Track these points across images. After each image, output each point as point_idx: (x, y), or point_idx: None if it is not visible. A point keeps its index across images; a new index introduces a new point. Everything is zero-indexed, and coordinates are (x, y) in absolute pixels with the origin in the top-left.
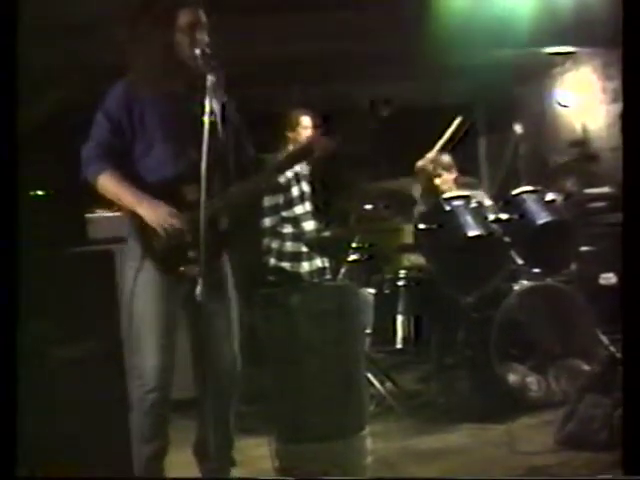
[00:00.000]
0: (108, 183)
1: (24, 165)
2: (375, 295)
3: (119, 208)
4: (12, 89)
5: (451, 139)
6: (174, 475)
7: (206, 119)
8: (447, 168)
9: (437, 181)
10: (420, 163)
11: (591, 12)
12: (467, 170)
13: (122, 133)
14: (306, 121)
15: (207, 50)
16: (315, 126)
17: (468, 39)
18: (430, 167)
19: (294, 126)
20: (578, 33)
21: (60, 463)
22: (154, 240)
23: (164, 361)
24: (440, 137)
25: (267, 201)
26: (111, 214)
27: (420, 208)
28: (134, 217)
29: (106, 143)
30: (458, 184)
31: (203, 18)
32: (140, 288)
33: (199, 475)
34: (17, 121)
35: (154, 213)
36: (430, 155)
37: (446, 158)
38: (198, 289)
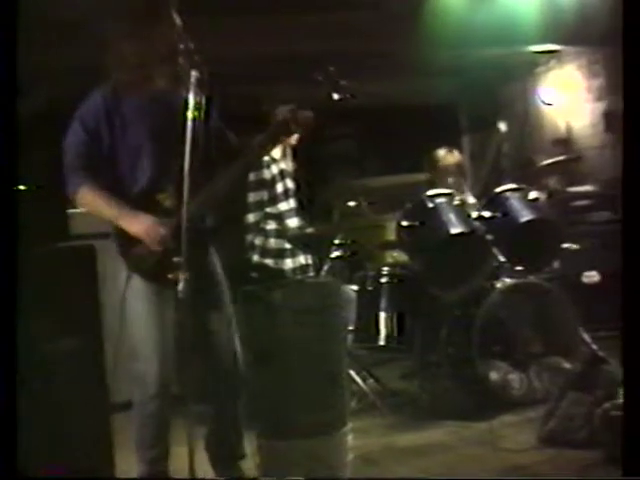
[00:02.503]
0: (87, 198)
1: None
2: (358, 292)
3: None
4: (12, 88)
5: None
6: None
7: (189, 115)
8: (460, 170)
9: (443, 177)
10: (440, 155)
11: (576, 10)
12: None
13: (100, 142)
14: None
15: (191, 46)
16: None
17: (453, 38)
18: (446, 164)
19: None
20: (563, 31)
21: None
22: (138, 258)
23: (164, 367)
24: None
25: (251, 197)
26: None
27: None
28: (117, 233)
29: (83, 155)
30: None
31: (179, 20)
32: (132, 294)
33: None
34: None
35: (137, 224)
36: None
37: (459, 158)
38: (180, 286)
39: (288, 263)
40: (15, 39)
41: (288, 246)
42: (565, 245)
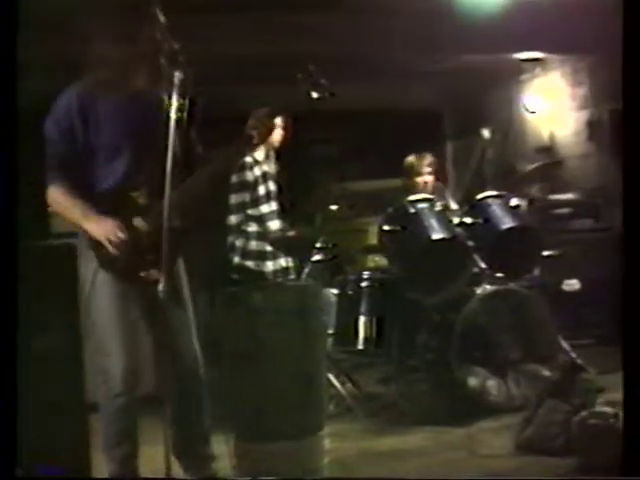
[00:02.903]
0: (57, 197)
1: None
2: (338, 295)
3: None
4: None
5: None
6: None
7: (172, 116)
8: (433, 170)
9: (419, 180)
10: (413, 158)
11: (562, 18)
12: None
13: (73, 141)
14: (278, 121)
15: (175, 47)
16: (284, 126)
17: (438, 43)
18: (419, 164)
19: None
20: (548, 39)
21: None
22: (108, 253)
23: (130, 364)
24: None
25: (233, 199)
26: None
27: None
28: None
29: (55, 153)
30: (434, 188)
31: (162, 18)
32: (99, 291)
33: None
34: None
35: (100, 228)
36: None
37: (431, 160)
38: (160, 287)
39: (269, 265)
40: (15, 35)
41: (269, 248)
42: (546, 253)
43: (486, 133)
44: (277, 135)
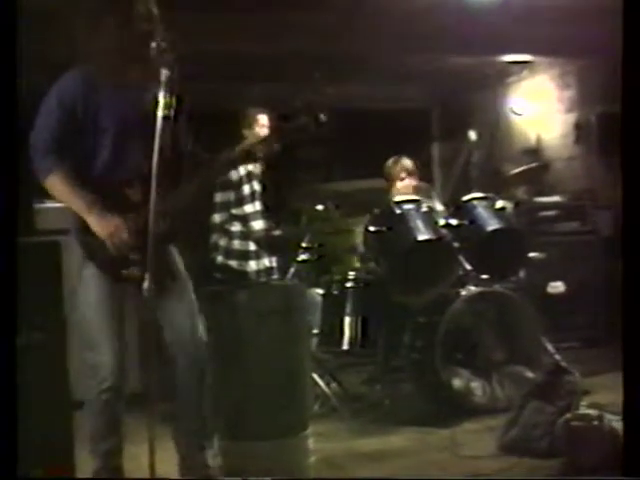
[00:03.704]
0: (59, 185)
1: None
2: (323, 296)
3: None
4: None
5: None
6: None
7: (160, 113)
8: (410, 173)
9: (399, 184)
10: (390, 163)
11: (550, 21)
12: (421, 174)
13: (75, 124)
14: (263, 120)
15: (162, 44)
16: (271, 125)
17: (425, 44)
18: (396, 169)
19: (251, 124)
20: (536, 42)
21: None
22: (97, 248)
23: (117, 359)
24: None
25: (218, 197)
26: (59, 205)
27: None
28: (78, 221)
29: (57, 136)
30: (416, 190)
31: (155, 10)
32: (86, 285)
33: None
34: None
35: (103, 225)
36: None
37: (410, 164)
38: (145, 284)
39: (252, 265)
40: (15, 31)
41: (252, 248)
42: (531, 255)
43: (473, 135)
44: (263, 135)
